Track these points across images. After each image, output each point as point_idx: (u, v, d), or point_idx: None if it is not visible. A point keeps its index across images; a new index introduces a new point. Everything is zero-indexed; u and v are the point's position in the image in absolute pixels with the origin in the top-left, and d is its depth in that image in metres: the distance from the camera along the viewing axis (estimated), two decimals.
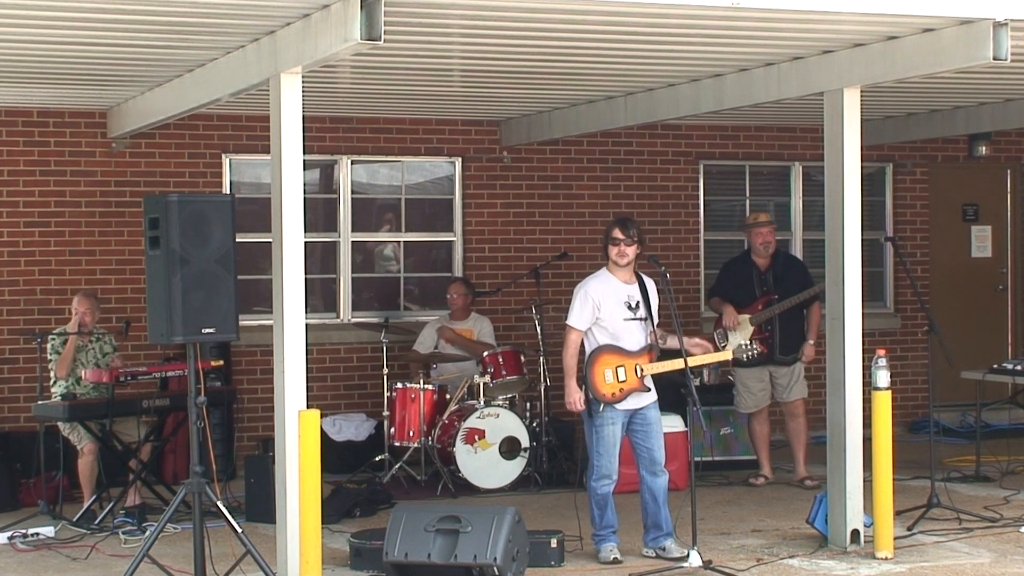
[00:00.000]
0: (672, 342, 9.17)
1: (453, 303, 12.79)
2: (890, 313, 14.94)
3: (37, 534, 9.93)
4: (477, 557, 8.30)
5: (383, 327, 12.29)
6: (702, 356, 9.33)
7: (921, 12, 7.96)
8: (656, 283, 9.30)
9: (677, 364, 9.13)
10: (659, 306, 9.35)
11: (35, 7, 7.74)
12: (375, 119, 13.24)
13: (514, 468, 11.65)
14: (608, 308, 9.14)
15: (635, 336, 9.17)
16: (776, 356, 11.91)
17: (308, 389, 8.28)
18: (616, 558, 9.06)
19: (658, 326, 9.28)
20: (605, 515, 9.14)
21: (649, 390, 9.21)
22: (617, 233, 9.17)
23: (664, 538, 9.19)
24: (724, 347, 11.76)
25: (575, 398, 9.11)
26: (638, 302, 9.18)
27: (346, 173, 13.36)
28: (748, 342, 11.52)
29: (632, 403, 9.14)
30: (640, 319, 9.19)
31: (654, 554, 9.17)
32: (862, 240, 9.47)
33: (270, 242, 8.39)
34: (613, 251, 9.17)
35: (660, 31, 8.60)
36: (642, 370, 9.11)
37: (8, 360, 12.25)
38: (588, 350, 9.16)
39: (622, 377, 9.06)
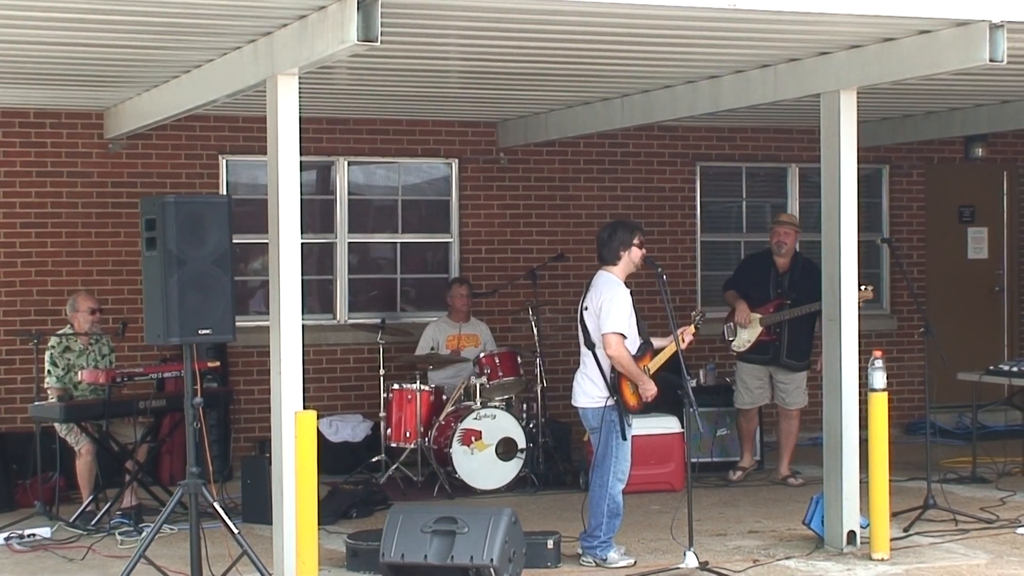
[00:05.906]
0: None
1: (455, 304, 12.76)
2: (886, 314, 14.94)
3: (33, 535, 9.93)
4: (474, 558, 8.30)
5: (380, 328, 12.28)
6: (682, 333, 9.28)
7: (917, 14, 7.97)
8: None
9: (668, 351, 9.24)
10: (655, 307, 9.33)
11: (33, 7, 7.73)
12: (372, 120, 13.24)
13: (511, 469, 11.65)
14: (632, 317, 9.08)
15: (635, 341, 9.19)
16: (782, 359, 11.93)
17: (305, 390, 8.29)
18: (635, 561, 9.06)
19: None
20: (616, 521, 9.03)
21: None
22: (642, 237, 9.16)
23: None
24: (731, 341, 12.00)
25: (653, 390, 9.02)
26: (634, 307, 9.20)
27: (343, 174, 13.36)
28: (698, 311, 11.35)
29: None
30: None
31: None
32: (858, 241, 9.48)
33: (267, 243, 8.40)
34: (638, 255, 9.09)
35: (656, 32, 8.59)
36: (649, 370, 9.13)
37: (4, 361, 12.24)
38: (604, 364, 8.99)
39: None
